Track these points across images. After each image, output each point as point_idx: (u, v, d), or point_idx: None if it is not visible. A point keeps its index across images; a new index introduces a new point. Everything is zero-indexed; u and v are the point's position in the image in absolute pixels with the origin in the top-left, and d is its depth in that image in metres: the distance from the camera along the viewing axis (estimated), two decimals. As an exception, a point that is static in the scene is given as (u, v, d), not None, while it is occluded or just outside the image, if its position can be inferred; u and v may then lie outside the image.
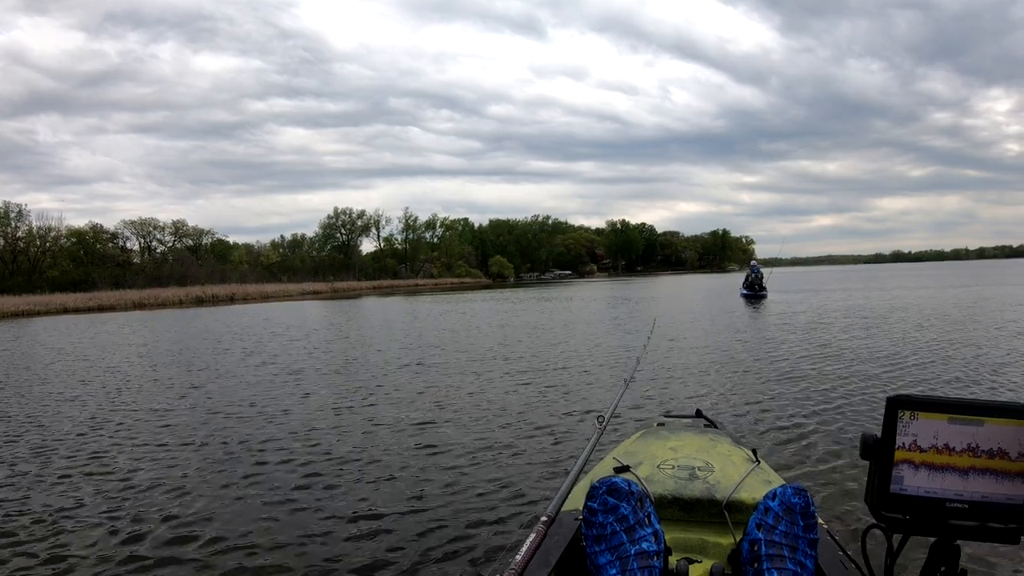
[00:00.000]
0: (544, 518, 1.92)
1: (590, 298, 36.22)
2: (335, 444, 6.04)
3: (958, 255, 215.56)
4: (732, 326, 16.44)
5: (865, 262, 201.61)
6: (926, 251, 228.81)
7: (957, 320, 15.45)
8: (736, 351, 11.40)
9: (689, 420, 3.11)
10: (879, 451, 1.23)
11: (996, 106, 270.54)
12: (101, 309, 43.68)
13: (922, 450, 1.21)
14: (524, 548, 1.73)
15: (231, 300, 52.16)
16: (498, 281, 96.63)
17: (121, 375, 11.22)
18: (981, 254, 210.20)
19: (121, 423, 7.25)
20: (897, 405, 1.22)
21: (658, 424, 2.93)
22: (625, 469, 2.20)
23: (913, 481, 1.22)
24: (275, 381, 9.81)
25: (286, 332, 18.98)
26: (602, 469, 2.36)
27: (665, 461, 2.31)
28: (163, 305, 47.13)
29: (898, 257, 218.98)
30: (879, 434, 1.24)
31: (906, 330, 13.60)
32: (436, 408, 7.48)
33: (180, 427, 6.96)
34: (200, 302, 50.07)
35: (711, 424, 3.04)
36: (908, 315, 17.26)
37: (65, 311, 42.16)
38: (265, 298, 55.18)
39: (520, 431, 6.30)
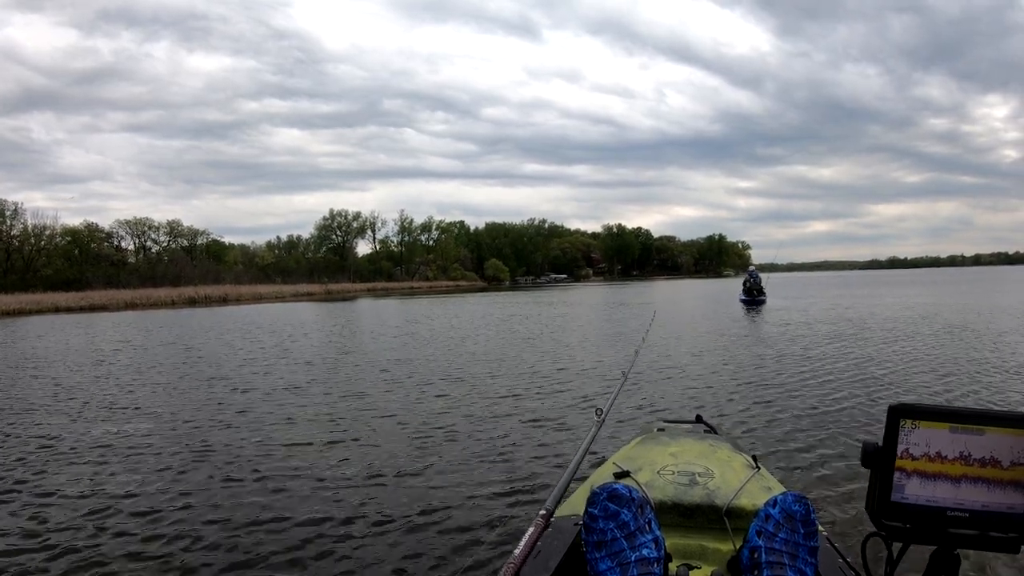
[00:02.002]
0: (542, 512, 1.92)
1: (587, 302, 36.21)
2: (312, 442, 6.02)
3: (954, 261, 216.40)
4: (732, 333, 16.43)
5: (860, 268, 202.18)
6: (922, 257, 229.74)
7: (964, 328, 15.47)
8: (737, 358, 11.40)
9: (689, 425, 3.10)
10: (880, 459, 1.23)
11: (993, 112, 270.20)
12: (93, 309, 43.39)
13: (923, 459, 1.22)
14: (522, 543, 1.74)
15: (224, 301, 51.97)
16: (493, 284, 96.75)
17: (52, 389, 9.73)
18: (977, 260, 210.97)
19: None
20: (899, 413, 1.22)
21: (658, 429, 2.92)
22: (625, 475, 2.20)
23: (914, 490, 1.22)
24: (234, 400, 8.46)
25: (268, 338, 18.01)
26: (602, 474, 2.36)
27: (665, 467, 2.31)
28: (155, 305, 46.79)
29: (894, 263, 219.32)
30: (880, 442, 1.24)
31: (911, 338, 13.57)
32: (431, 407, 7.47)
33: (107, 462, 5.60)
34: (193, 303, 49.90)
35: (711, 430, 3.04)
36: (914, 323, 17.23)
37: (57, 310, 41.94)
38: (258, 299, 55.00)
39: (518, 426, 6.31)
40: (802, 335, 14.85)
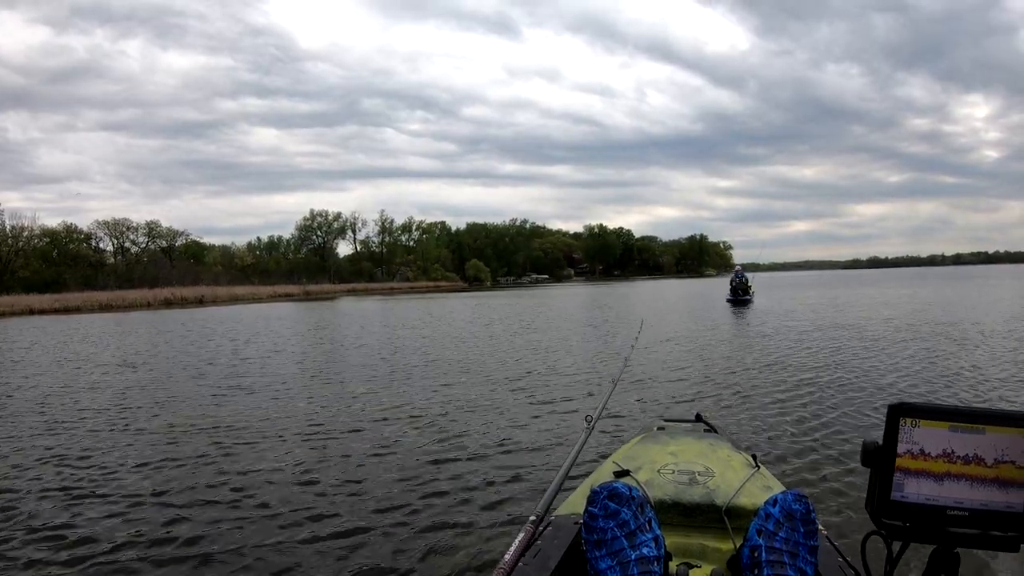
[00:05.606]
0: (532, 517, 1.92)
1: (571, 304, 36.06)
2: (290, 456, 5.99)
3: (934, 261, 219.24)
4: (722, 333, 16.40)
5: (842, 267, 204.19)
6: (903, 256, 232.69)
7: (955, 324, 15.63)
8: (731, 358, 11.36)
9: (689, 424, 3.09)
10: (880, 458, 1.24)
11: (975, 112, 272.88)
12: (67, 311, 42.53)
13: (923, 458, 1.22)
14: (512, 548, 1.73)
15: (200, 302, 51.42)
16: (474, 285, 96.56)
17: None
18: (957, 260, 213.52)
19: None
20: (899, 412, 1.23)
21: (658, 428, 2.92)
22: (625, 473, 2.21)
23: (914, 488, 1.23)
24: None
25: (219, 348, 16.84)
26: (602, 473, 2.36)
27: (665, 466, 2.32)
28: (131, 307, 46.04)
29: (875, 263, 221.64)
30: (880, 441, 1.24)
31: (904, 337, 13.62)
32: (417, 414, 7.43)
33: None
34: (169, 304, 49.33)
35: (711, 429, 3.03)
36: (905, 322, 17.30)
37: (31, 312, 41.17)
38: (234, 300, 54.49)
39: (507, 433, 6.28)
40: (796, 334, 14.83)
